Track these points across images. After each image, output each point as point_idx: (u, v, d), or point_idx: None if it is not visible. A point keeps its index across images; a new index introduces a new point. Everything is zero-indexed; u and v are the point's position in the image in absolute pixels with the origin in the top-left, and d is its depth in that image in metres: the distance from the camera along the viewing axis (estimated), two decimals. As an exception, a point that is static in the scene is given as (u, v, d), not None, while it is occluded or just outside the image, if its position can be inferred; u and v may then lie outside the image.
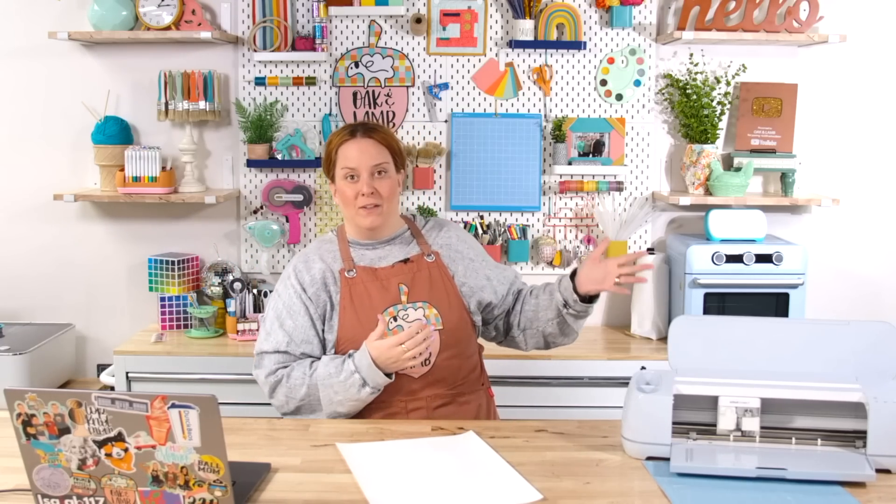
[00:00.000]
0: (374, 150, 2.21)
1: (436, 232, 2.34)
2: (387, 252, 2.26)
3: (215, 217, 3.55)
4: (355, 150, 2.21)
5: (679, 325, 1.97)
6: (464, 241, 2.34)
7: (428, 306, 2.18)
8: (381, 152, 2.22)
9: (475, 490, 1.69)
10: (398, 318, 2.16)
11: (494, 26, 3.45)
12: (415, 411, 2.17)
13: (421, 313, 2.18)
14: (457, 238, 2.34)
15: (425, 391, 2.17)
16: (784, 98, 3.45)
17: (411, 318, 2.16)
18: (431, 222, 2.37)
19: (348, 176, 2.21)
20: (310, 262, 2.25)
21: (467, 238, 2.37)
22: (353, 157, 2.20)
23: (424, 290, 2.20)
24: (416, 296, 2.20)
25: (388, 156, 2.23)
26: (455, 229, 2.38)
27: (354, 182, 2.20)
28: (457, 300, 2.23)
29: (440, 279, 2.23)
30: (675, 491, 1.69)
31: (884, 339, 1.89)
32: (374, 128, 2.25)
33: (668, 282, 3.41)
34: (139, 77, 3.46)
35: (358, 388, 2.06)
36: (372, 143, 2.22)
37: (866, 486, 1.72)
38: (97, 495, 1.54)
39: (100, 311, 3.58)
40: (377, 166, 2.20)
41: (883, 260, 3.62)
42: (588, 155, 3.49)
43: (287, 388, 2.13)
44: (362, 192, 2.19)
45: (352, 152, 2.21)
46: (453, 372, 2.20)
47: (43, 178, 3.50)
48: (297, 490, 1.70)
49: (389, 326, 2.15)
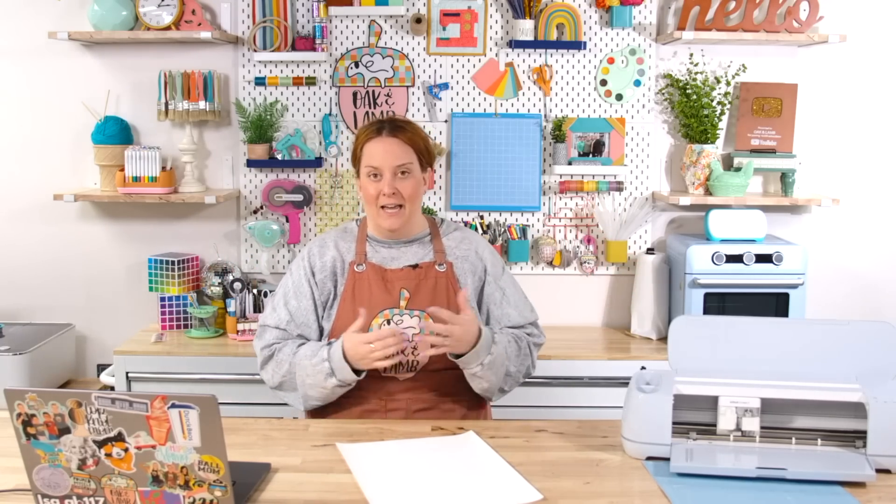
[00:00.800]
0: (399, 150, 2.20)
1: (456, 242, 2.29)
2: (401, 253, 2.25)
3: (215, 217, 3.55)
4: (380, 149, 2.20)
5: (679, 325, 1.97)
6: (482, 259, 2.28)
7: (425, 316, 2.15)
8: (406, 152, 2.20)
9: (475, 490, 1.69)
10: (392, 322, 2.16)
11: (494, 26, 3.45)
12: (393, 412, 2.17)
13: (416, 322, 2.16)
14: (476, 254, 2.28)
15: (407, 394, 2.17)
16: (784, 98, 3.45)
17: (404, 325, 2.15)
18: (455, 231, 2.32)
19: (371, 174, 2.20)
20: (324, 248, 2.27)
21: (489, 257, 2.30)
22: (376, 156, 2.19)
23: (426, 299, 2.18)
24: (416, 303, 2.18)
25: (412, 155, 2.21)
26: (480, 245, 2.31)
27: (377, 181, 2.19)
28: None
29: (445, 290, 2.21)
30: (675, 491, 1.69)
31: (884, 339, 1.89)
32: (402, 126, 2.23)
33: (668, 282, 3.41)
34: (139, 77, 3.46)
35: (325, 376, 2.07)
36: (397, 142, 2.20)
37: (866, 486, 1.72)
38: (97, 495, 1.54)
39: (100, 311, 3.58)
40: (400, 167, 2.19)
41: (883, 260, 3.63)
42: (588, 155, 3.49)
43: (275, 362, 2.18)
44: (384, 192, 2.18)
45: (376, 151, 2.20)
46: (439, 382, 2.18)
47: (43, 178, 3.50)
48: (297, 490, 1.71)
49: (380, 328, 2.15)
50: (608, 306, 3.61)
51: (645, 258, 3.39)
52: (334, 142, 3.48)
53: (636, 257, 3.51)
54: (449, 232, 2.32)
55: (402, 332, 2.08)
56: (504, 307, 2.27)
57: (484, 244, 2.33)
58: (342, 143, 3.49)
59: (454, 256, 2.26)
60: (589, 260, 3.53)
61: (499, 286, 2.28)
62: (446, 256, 2.26)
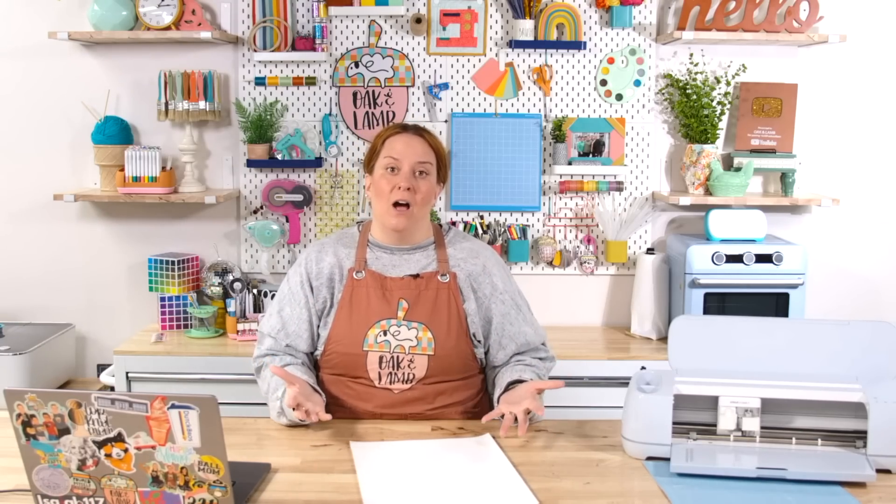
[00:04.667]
0: (422, 149, 2.18)
1: (464, 254, 2.22)
2: (403, 261, 2.20)
3: (215, 217, 3.55)
4: (403, 143, 2.18)
5: (679, 325, 1.97)
6: (490, 276, 2.21)
7: (423, 329, 2.12)
8: (428, 153, 2.19)
9: (472, 497, 1.67)
10: (388, 333, 2.12)
11: (494, 26, 3.45)
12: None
13: (413, 334, 2.12)
14: (484, 270, 2.21)
15: (402, 407, 2.13)
16: (784, 98, 3.45)
17: (402, 337, 2.11)
18: (465, 242, 2.26)
19: (389, 167, 2.16)
20: (322, 254, 2.23)
21: (499, 272, 2.24)
22: (398, 150, 2.17)
23: (425, 311, 2.14)
24: (414, 315, 2.13)
25: (433, 158, 2.19)
26: (490, 261, 2.24)
27: (394, 174, 2.16)
28: (458, 327, 2.14)
29: (446, 302, 2.15)
30: (675, 491, 1.69)
31: (884, 339, 1.89)
32: (426, 130, 2.23)
33: (668, 282, 3.41)
34: (139, 77, 3.46)
35: (277, 413, 2.05)
36: (421, 141, 2.19)
37: (866, 486, 1.72)
38: (97, 496, 1.54)
39: (100, 311, 3.58)
40: (421, 164, 2.16)
41: (883, 260, 3.63)
42: (588, 155, 3.49)
43: (261, 378, 2.21)
44: (399, 185, 2.13)
45: (399, 144, 2.18)
46: (435, 394, 2.14)
47: (43, 178, 3.50)
48: (297, 490, 1.71)
49: (377, 340, 2.11)
50: (608, 306, 3.61)
51: (645, 258, 3.39)
52: (334, 142, 3.48)
53: (636, 257, 3.51)
54: (457, 242, 2.26)
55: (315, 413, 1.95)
56: (520, 325, 2.21)
57: (494, 259, 2.26)
58: (342, 143, 3.49)
59: (459, 269, 2.20)
60: (589, 260, 3.53)
61: (515, 303, 2.22)
62: (450, 267, 2.20)
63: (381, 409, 2.13)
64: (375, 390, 2.13)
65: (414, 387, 2.13)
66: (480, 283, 2.21)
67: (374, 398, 2.13)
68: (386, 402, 2.13)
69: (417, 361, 2.11)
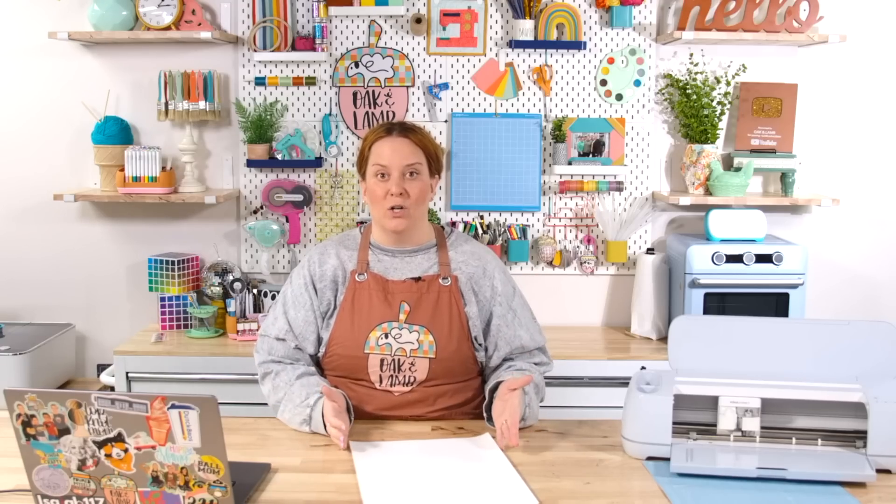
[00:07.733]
0: (408, 150, 2.16)
1: (465, 257, 2.22)
2: (405, 264, 2.20)
3: (215, 217, 3.55)
4: (389, 148, 2.16)
5: (679, 325, 1.97)
6: (491, 279, 2.21)
7: (425, 332, 2.12)
8: (416, 153, 2.17)
9: (472, 497, 1.67)
10: (389, 336, 2.12)
11: (494, 26, 3.45)
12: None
13: (415, 337, 2.11)
14: (484, 273, 2.21)
15: (402, 409, 2.13)
16: (784, 98, 3.45)
17: (403, 339, 2.11)
18: (466, 245, 2.26)
19: (379, 174, 2.15)
20: (325, 256, 2.22)
21: (499, 276, 2.23)
22: (385, 155, 2.15)
23: (426, 314, 2.13)
24: (416, 318, 2.13)
25: (422, 157, 2.18)
26: (490, 264, 2.23)
27: (384, 181, 2.15)
28: (459, 330, 2.14)
29: (447, 305, 2.15)
30: (675, 491, 1.69)
31: (884, 339, 1.89)
32: (412, 128, 2.20)
33: (668, 282, 3.41)
34: (139, 77, 3.46)
35: (301, 421, 2.02)
36: (407, 142, 2.17)
37: (866, 486, 1.72)
38: (97, 496, 1.54)
39: (100, 311, 3.58)
40: (409, 166, 2.15)
41: (883, 260, 3.62)
42: (588, 155, 3.49)
43: (273, 386, 2.14)
44: (391, 192, 2.13)
45: (385, 150, 2.16)
46: (435, 397, 2.14)
47: (43, 178, 3.50)
48: (297, 490, 1.71)
49: (379, 342, 2.11)
50: (608, 306, 3.61)
51: (645, 258, 3.39)
52: (334, 142, 3.48)
53: (636, 257, 3.51)
54: (458, 244, 2.26)
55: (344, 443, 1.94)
56: (515, 328, 2.21)
57: (495, 262, 2.25)
58: (342, 143, 3.49)
59: (461, 272, 2.19)
60: (589, 260, 3.53)
61: (511, 307, 2.22)
62: (452, 270, 2.20)
63: (382, 411, 2.13)
64: (376, 392, 2.13)
65: (415, 389, 2.13)
66: (481, 285, 2.20)
67: (375, 400, 2.13)
68: (386, 405, 2.13)
69: (418, 364, 2.11)
